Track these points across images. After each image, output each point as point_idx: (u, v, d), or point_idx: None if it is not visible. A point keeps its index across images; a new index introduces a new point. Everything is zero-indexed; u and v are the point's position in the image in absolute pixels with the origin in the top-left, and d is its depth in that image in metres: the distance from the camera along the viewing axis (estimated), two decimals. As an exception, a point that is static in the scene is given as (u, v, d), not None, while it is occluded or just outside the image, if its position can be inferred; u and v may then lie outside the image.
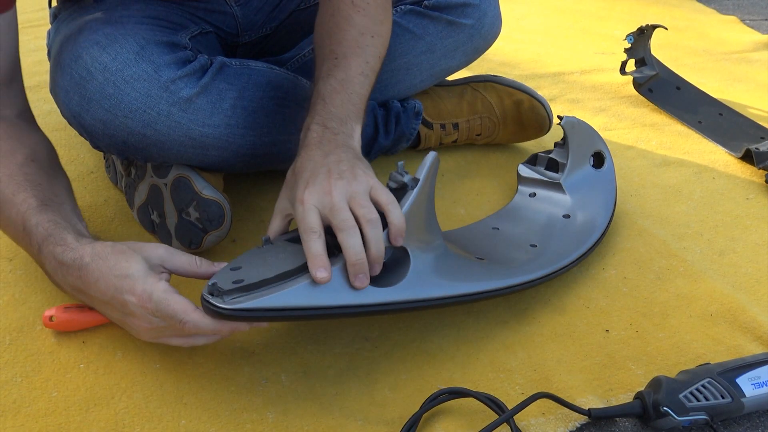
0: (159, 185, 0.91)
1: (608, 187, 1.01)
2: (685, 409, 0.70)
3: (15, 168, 0.78)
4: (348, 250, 0.67)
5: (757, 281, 0.92)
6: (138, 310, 0.68)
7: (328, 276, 0.66)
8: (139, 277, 0.68)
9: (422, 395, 0.73)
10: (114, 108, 0.82)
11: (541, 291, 0.89)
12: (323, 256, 0.67)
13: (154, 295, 0.67)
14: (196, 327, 0.67)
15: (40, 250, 0.74)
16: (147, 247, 0.72)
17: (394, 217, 0.70)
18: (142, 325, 0.70)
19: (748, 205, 1.08)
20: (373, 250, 0.68)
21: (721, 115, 1.34)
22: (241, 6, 1.03)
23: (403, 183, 0.74)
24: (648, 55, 1.41)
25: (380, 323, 0.83)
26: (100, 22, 0.84)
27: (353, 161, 0.73)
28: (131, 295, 0.68)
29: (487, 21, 1.10)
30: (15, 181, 0.77)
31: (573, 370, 0.78)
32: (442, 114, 1.16)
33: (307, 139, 0.76)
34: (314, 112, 0.78)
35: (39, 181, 0.79)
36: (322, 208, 0.68)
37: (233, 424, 0.71)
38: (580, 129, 1.03)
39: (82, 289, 0.72)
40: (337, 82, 0.80)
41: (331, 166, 0.71)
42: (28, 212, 0.75)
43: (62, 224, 0.74)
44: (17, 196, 0.76)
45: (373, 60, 0.85)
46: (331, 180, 0.69)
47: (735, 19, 1.87)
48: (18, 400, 0.73)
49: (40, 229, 0.74)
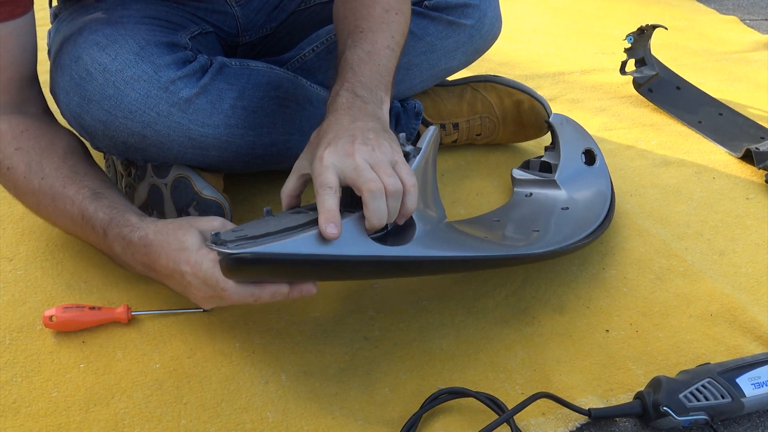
0: (159, 185, 0.91)
1: (602, 181, 1.02)
2: (685, 409, 0.70)
3: (59, 161, 0.81)
4: (372, 213, 0.66)
5: (757, 281, 0.92)
6: (193, 279, 0.70)
7: (338, 233, 0.65)
8: (193, 249, 0.70)
9: (422, 395, 0.73)
10: (114, 109, 0.82)
11: (541, 291, 0.89)
12: (336, 212, 0.65)
13: (203, 265, 0.68)
14: (235, 293, 0.68)
15: (105, 234, 0.76)
16: (203, 221, 0.74)
17: (409, 201, 0.69)
18: (199, 294, 0.71)
19: (748, 205, 1.08)
20: (389, 219, 0.68)
21: (721, 115, 1.34)
22: (242, 6, 1.03)
23: (405, 152, 0.75)
24: (648, 55, 1.41)
25: (380, 323, 0.83)
26: (100, 22, 0.84)
27: (380, 131, 0.72)
28: (186, 264, 0.69)
29: (488, 21, 1.10)
30: (62, 174, 0.80)
31: (573, 370, 0.78)
32: (442, 114, 1.16)
33: (336, 104, 0.76)
34: (343, 78, 0.78)
35: (84, 171, 0.81)
36: (343, 168, 0.68)
37: (233, 424, 0.71)
38: (568, 126, 1.04)
39: (149, 265, 0.74)
40: (364, 53, 0.81)
41: (356, 132, 0.70)
42: (84, 202, 0.78)
43: (122, 207, 0.77)
44: (68, 188, 0.79)
45: (398, 35, 0.85)
46: (355, 144, 0.69)
47: (735, 19, 1.87)
48: (18, 400, 0.73)
49: (101, 214, 0.76)
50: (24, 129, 0.82)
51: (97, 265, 0.89)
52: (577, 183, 1.00)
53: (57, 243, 0.93)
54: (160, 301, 0.84)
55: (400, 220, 0.70)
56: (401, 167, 0.69)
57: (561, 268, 0.93)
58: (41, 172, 0.80)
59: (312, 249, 0.64)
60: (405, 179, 0.69)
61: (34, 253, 0.92)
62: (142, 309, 0.83)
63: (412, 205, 0.69)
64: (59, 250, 0.92)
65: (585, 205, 0.97)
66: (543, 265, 0.93)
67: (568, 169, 1.01)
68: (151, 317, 0.83)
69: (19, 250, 0.93)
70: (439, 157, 1.17)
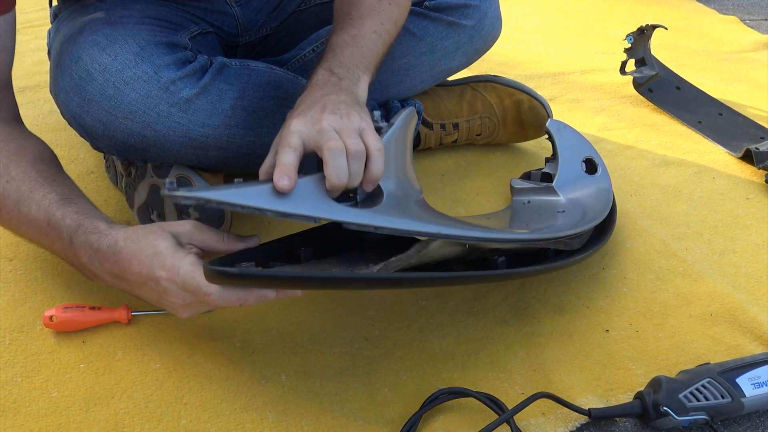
0: (159, 185, 0.91)
1: (604, 188, 0.99)
2: (685, 409, 0.70)
3: (27, 166, 0.78)
4: (331, 171, 0.65)
5: (757, 281, 0.92)
6: (169, 285, 0.68)
7: (290, 185, 0.62)
8: (168, 254, 0.68)
9: (422, 395, 0.73)
10: (114, 109, 0.82)
11: (541, 291, 0.89)
12: (290, 167, 0.64)
13: (181, 269, 0.67)
14: (220, 298, 0.67)
15: (71, 242, 0.73)
16: (175, 224, 0.72)
17: (374, 166, 0.68)
18: (177, 302, 0.69)
19: (748, 205, 1.08)
20: (352, 182, 0.66)
21: (721, 115, 1.34)
22: (242, 6, 1.03)
23: (378, 127, 0.74)
24: (648, 55, 1.41)
25: (380, 323, 0.83)
26: (100, 22, 0.84)
27: (351, 104, 0.71)
28: (162, 269, 0.68)
29: (488, 22, 1.10)
30: (30, 178, 0.77)
31: (573, 370, 0.78)
32: (442, 114, 1.16)
33: (311, 81, 0.76)
34: (323, 59, 0.79)
35: (53, 177, 0.79)
36: (308, 133, 0.67)
37: (233, 424, 0.71)
38: (566, 132, 1.02)
39: (119, 274, 0.71)
40: (349, 36, 0.81)
41: (327, 103, 0.70)
42: (51, 207, 0.74)
43: (91, 213, 0.74)
44: (35, 193, 0.75)
45: (388, 23, 0.85)
46: (324, 113, 0.68)
47: (735, 19, 1.87)
48: (18, 400, 0.73)
49: (68, 221, 0.73)
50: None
51: (97, 265, 0.89)
52: (576, 189, 0.98)
53: (57, 243, 0.93)
54: (160, 301, 0.84)
55: (366, 185, 0.68)
56: (368, 133, 0.68)
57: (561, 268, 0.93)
58: (7, 175, 0.76)
59: (262, 202, 0.62)
60: (370, 143, 0.68)
61: (34, 253, 0.92)
62: (142, 309, 0.83)
63: (377, 170, 0.68)
64: (59, 250, 0.93)
65: (583, 209, 0.96)
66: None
67: (567, 176, 0.99)
68: (151, 317, 0.83)
69: (19, 250, 0.93)
70: (439, 157, 1.17)
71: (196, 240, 0.72)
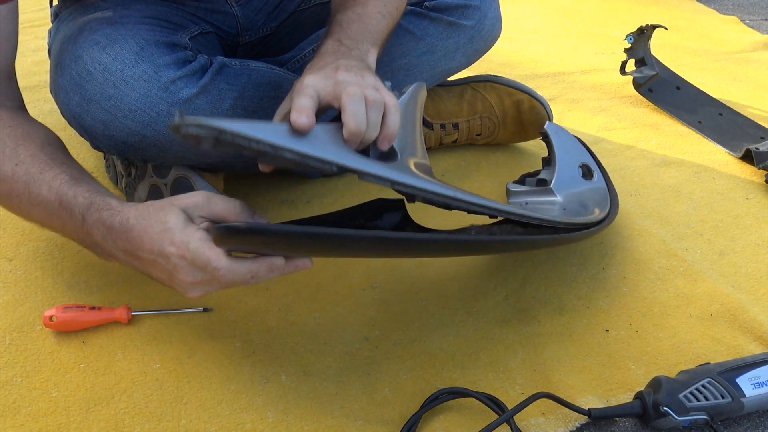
0: (159, 185, 0.91)
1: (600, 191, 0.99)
2: (685, 409, 0.70)
3: (36, 149, 0.77)
4: (350, 116, 0.63)
5: (757, 281, 0.92)
6: (179, 261, 0.66)
7: (309, 123, 0.60)
8: (177, 229, 0.66)
9: (422, 395, 0.73)
10: (114, 108, 0.82)
11: (541, 291, 0.89)
12: (309, 109, 0.62)
13: (191, 245, 0.65)
14: (230, 272, 0.65)
15: (84, 219, 0.72)
16: (184, 197, 0.70)
17: (391, 120, 0.67)
18: (187, 279, 0.67)
19: (748, 205, 1.08)
20: (369, 134, 0.65)
21: (721, 115, 1.34)
22: (242, 6, 1.03)
23: None
24: (648, 55, 1.41)
25: (380, 323, 0.83)
26: (100, 22, 0.84)
27: (364, 68, 0.71)
28: (171, 245, 0.66)
29: (488, 22, 1.10)
30: (39, 161, 0.76)
31: (573, 370, 0.78)
32: (442, 114, 1.16)
33: (320, 50, 0.76)
34: (329, 33, 0.78)
35: (62, 160, 0.78)
36: (324, 86, 0.65)
37: (233, 424, 0.71)
38: (564, 135, 1.02)
39: (131, 251, 0.70)
40: (354, 14, 0.81)
41: (340, 65, 0.69)
42: (62, 186, 0.73)
43: (102, 191, 0.73)
44: (46, 174, 0.75)
45: (391, 6, 0.86)
46: (338, 72, 0.67)
47: (735, 19, 1.87)
48: (18, 400, 0.73)
49: (80, 199, 0.72)
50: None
51: (97, 265, 0.89)
52: (574, 192, 0.97)
53: (57, 243, 0.93)
54: (160, 301, 0.84)
55: (382, 142, 0.67)
56: (383, 90, 0.68)
57: (561, 268, 0.93)
58: (16, 158, 0.76)
59: (279, 139, 0.58)
60: (387, 98, 0.67)
61: (34, 253, 0.92)
62: (142, 309, 0.83)
63: (393, 123, 0.67)
64: (59, 250, 0.93)
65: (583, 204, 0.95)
66: (543, 264, 0.93)
67: (564, 178, 0.98)
68: (151, 317, 0.83)
69: (19, 250, 0.93)
70: (439, 157, 1.17)
71: (205, 211, 0.70)
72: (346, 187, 1.08)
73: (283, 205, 1.04)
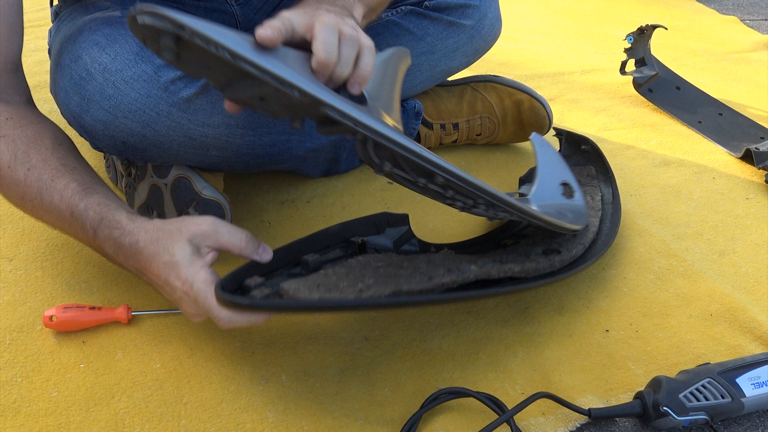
0: (159, 185, 0.91)
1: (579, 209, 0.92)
2: (685, 409, 0.70)
3: (47, 153, 0.77)
4: (319, 45, 0.60)
5: (757, 281, 0.92)
6: (183, 296, 0.68)
7: (272, 36, 0.57)
8: (183, 264, 0.67)
9: (422, 395, 0.73)
10: (114, 108, 0.82)
11: (541, 291, 0.89)
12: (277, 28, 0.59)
13: (194, 285, 0.66)
14: (230, 322, 0.66)
15: (96, 234, 0.73)
16: (193, 223, 0.70)
17: (365, 62, 0.64)
18: (190, 311, 0.69)
19: (748, 205, 1.08)
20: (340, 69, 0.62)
21: (721, 115, 1.34)
22: (241, 5, 1.03)
23: None
24: (648, 55, 1.41)
25: (380, 323, 0.83)
26: (99, 22, 0.84)
27: (345, 15, 0.69)
28: (177, 280, 0.67)
29: (488, 22, 1.10)
30: (51, 166, 0.76)
31: (573, 370, 0.78)
32: (442, 114, 1.16)
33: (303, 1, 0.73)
34: None
35: (73, 164, 0.78)
36: (300, 19, 0.62)
37: (233, 424, 0.71)
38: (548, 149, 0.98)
39: (142, 271, 0.71)
40: None
41: (321, 6, 0.67)
42: (73, 198, 0.74)
43: (112, 205, 0.74)
44: (57, 182, 0.75)
45: None
46: (318, 10, 0.65)
47: (735, 19, 1.87)
48: (18, 400, 0.73)
49: (91, 213, 0.73)
50: (8, 117, 0.79)
51: (97, 265, 0.89)
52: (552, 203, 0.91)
53: (57, 243, 0.93)
54: (160, 301, 0.84)
55: (352, 84, 0.64)
56: (362, 35, 0.65)
57: (561, 268, 0.93)
58: (27, 162, 0.76)
59: (240, 48, 0.53)
60: (363, 39, 0.64)
61: (34, 253, 0.92)
62: (142, 309, 0.83)
63: (366, 65, 0.64)
64: (59, 250, 0.93)
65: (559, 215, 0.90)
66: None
67: (542, 193, 0.91)
68: (151, 317, 0.83)
69: (19, 250, 0.93)
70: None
71: (212, 242, 0.70)
72: (346, 187, 1.08)
73: (283, 205, 1.04)
